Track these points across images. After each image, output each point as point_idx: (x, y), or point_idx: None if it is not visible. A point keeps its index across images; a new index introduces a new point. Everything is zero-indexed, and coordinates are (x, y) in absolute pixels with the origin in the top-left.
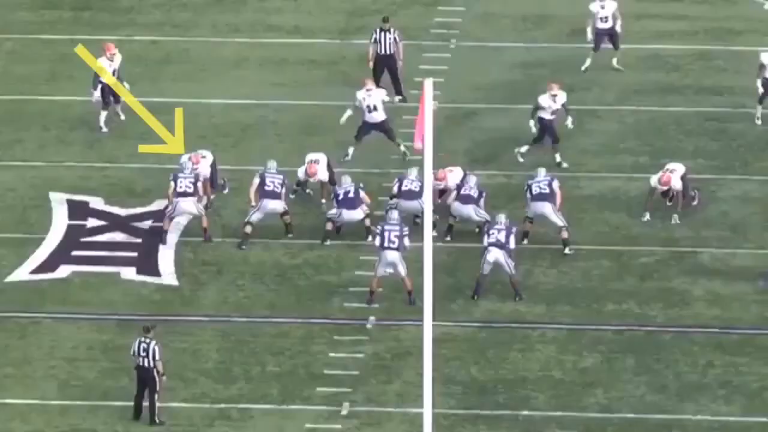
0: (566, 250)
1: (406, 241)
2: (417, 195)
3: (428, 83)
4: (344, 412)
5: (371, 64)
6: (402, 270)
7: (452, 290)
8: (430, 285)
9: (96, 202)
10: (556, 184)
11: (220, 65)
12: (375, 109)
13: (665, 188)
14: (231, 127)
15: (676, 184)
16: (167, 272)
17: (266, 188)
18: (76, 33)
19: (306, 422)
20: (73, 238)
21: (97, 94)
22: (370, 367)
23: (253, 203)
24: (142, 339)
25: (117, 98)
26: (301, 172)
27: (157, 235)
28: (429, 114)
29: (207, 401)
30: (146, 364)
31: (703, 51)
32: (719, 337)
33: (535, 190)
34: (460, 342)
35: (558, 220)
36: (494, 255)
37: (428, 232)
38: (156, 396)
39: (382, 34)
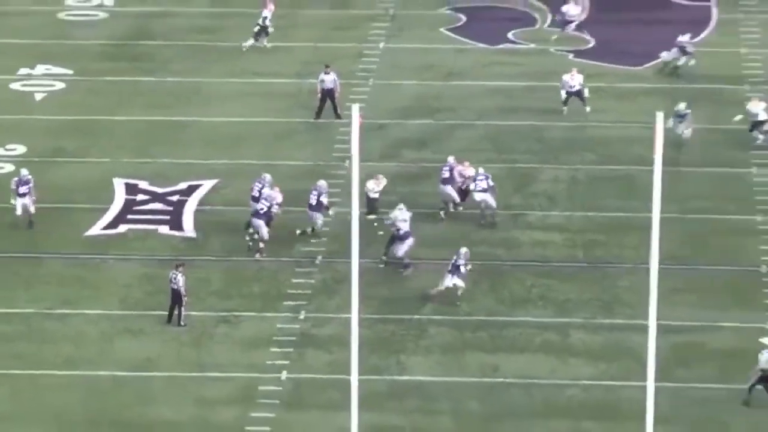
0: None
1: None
2: (447, 181)
3: (355, 108)
4: (301, 317)
5: (319, 95)
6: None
7: (369, 238)
8: (357, 234)
9: (143, 184)
10: None
11: (221, 97)
12: None
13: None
14: (226, 137)
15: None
16: (188, 228)
17: None
18: (131, 76)
19: (277, 324)
20: (128, 207)
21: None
22: (318, 288)
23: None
24: (174, 271)
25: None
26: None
27: (182, 205)
28: (356, 129)
29: (213, 311)
30: (176, 287)
31: (531, 86)
32: (538, 268)
33: None
34: (376, 273)
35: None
36: (482, 196)
37: (355, 199)
38: (182, 308)
39: (326, 75)
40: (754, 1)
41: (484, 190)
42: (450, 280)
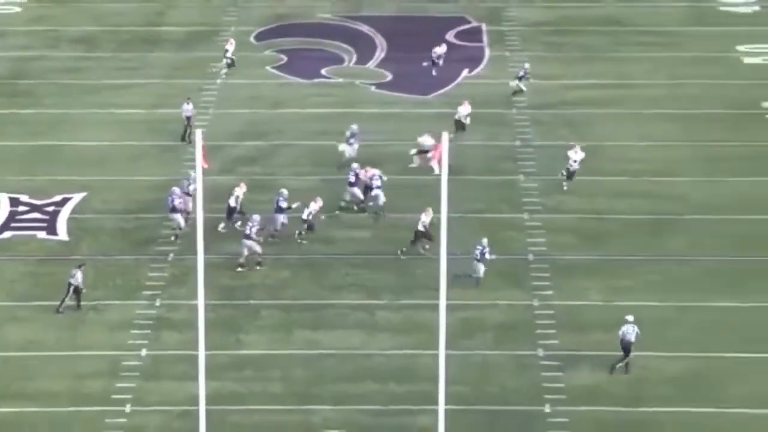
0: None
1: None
2: (353, 184)
3: (198, 132)
4: (157, 304)
5: (186, 123)
6: None
7: (213, 238)
8: (201, 234)
9: (24, 197)
10: None
11: (87, 125)
12: None
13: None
14: (92, 157)
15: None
16: (62, 233)
17: None
18: (12, 108)
19: (137, 310)
20: (12, 216)
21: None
22: (171, 280)
23: None
24: (75, 269)
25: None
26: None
27: (57, 214)
28: (199, 149)
29: (84, 300)
30: (74, 282)
31: (342, 112)
32: (351, 260)
33: None
34: (217, 267)
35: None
36: (377, 192)
37: (199, 206)
38: (66, 299)
39: (187, 105)
40: (517, 42)
41: (378, 188)
42: (479, 267)
